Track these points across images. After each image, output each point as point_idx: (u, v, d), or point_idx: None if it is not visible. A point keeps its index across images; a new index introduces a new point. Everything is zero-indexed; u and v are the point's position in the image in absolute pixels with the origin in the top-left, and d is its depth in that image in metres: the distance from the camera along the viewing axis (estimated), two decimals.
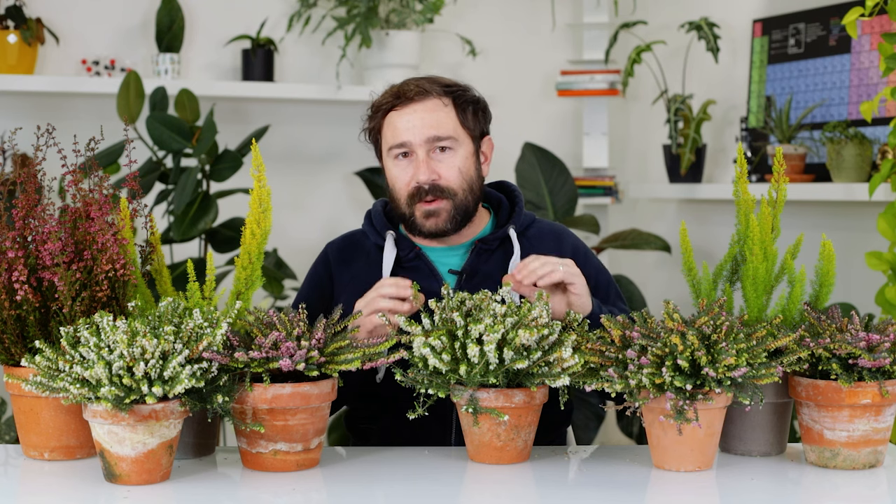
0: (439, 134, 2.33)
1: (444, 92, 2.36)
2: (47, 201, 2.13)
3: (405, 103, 2.34)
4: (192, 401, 1.94)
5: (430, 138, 2.33)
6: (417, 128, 2.33)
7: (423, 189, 2.32)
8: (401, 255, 2.37)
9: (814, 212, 3.60)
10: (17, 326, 2.09)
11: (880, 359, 2.01)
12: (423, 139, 2.33)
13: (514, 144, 4.00)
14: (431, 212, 2.33)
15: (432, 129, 2.33)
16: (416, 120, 2.33)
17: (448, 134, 2.33)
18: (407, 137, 2.33)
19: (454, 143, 2.34)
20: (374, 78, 3.94)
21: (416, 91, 2.34)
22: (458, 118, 2.36)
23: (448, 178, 2.33)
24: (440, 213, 2.34)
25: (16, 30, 3.57)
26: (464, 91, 2.38)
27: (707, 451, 2.04)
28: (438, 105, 2.34)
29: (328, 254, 2.47)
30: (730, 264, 2.22)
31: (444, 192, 2.33)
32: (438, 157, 2.34)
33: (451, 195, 2.33)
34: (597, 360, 2.05)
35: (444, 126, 2.34)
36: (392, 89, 2.38)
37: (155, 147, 3.46)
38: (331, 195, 4.15)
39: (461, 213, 2.35)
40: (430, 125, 2.33)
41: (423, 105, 2.34)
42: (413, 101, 2.34)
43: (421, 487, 2.01)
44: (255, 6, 3.97)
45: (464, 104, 2.37)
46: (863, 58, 3.43)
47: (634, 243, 3.85)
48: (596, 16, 4.22)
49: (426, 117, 2.33)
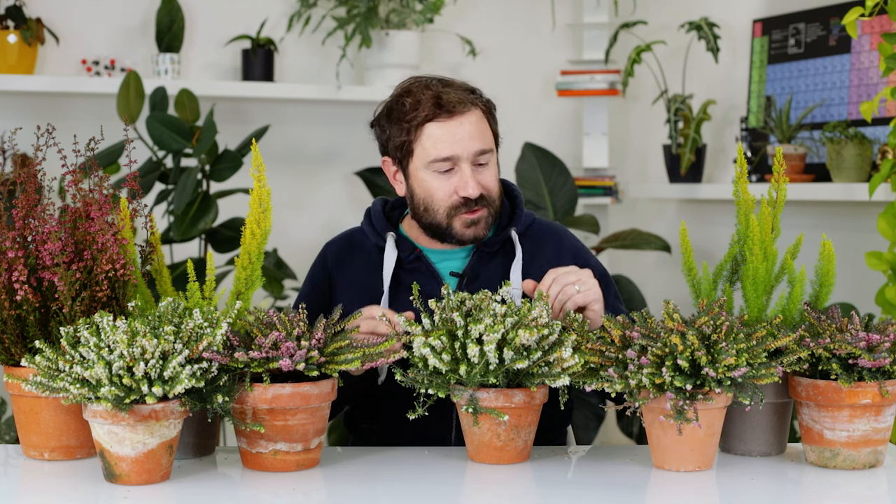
0: (484, 147, 2.31)
1: (476, 100, 2.33)
2: (47, 201, 2.12)
3: (447, 115, 2.28)
4: (192, 401, 1.94)
5: (477, 152, 2.30)
6: (465, 140, 2.28)
7: (471, 201, 2.30)
8: (401, 257, 2.36)
9: (814, 212, 3.60)
10: (17, 326, 2.09)
11: (880, 359, 2.01)
12: (471, 153, 2.29)
13: (514, 144, 4.00)
14: (475, 220, 2.32)
15: (479, 142, 2.30)
16: (464, 133, 2.28)
17: (489, 146, 2.32)
18: (455, 151, 2.28)
19: (492, 156, 2.34)
20: (374, 78, 3.94)
21: (457, 102, 2.29)
22: (491, 127, 2.35)
23: (490, 189, 2.33)
24: (480, 221, 2.33)
25: (16, 30, 3.57)
26: (485, 100, 2.36)
27: (707, 451, 2.04)
28: (479, 116, 2.32)
29: (326, 255, 2.45)
30: (730, 264, 2.22)
31: (487, 201, 2.32)
32: (480, 168, 2.32)
33: (492, 203, 2.33)
34: (597, 360, 2.05)
35: (486, 138, 2.32)
36: (427, 97, 2.30)
37: (155, 147, 3.46)
38: (331, 195, 4.15)
39: (495, 218, 2.36)
40: (476, 138, 2.29)
41: (467, 118, 2.29)
42: (456, 114, 2.28)
43: (421, 487, 2.01)
44: (255, 6, 3.97)
45: (490, 112, 2.36)
46: (863, 58, 3.43)
47: (634, 243, 3.85)
48: (596, 16, 4.22)
49: (473, 130, 2.29)
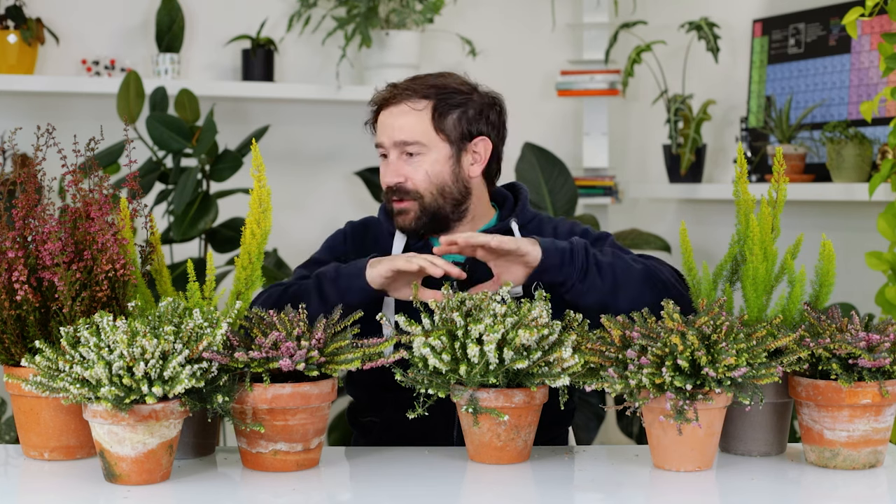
0: (405, 139, 2.35)
1: (422, 95, 2.37)
2: (47, 201, 2.12)
3: (384, 105, 2.39)
4: (192, 401, 1.94)
5: (397, 142, 2.36)
6: (388, 130, 2.37)
7: (391, 189, 2.37)
8: (409, 244, 2.42)
9: (814, 212, 3.60)
10: (17, 326, 2.09)
11: (880, 359, 2.01)
12: (392, 142, 2.37)
13: (514, 144, 3.98)
14: (399, 210, 2.38)
15: (401, 133, 2.36)
16: (389, 122, 2.37)
17: (415, 139, 2.35)
18: (381, 139, 2.39)
19: (422, 149, 2.36)
20: (374, 78, 3.94)
21: (392, 94, 2.38)
22: (434, 123, 2.36)
23: (415, 181, 2.36)
24: (407, 212, 2.37)
25: (16, 30, 3.57)
26: (448, 94, 2.37)
27: (707, 451, 2.04)
28: (409, 110, 2.36)
29: (347, 232, 2.51)
30: (730, 264, 2.22)
31: (409, 193, 2.36)
32: (407, 160, 2.37)
33: (417, 197, 2.36)
34: (597, 360, 2.05)
35: (411, 131, 2.35)
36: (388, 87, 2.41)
37: (155, 147, 3.46)
38: (331, 195, 4.15)
39: (428, 214, 2.37)
40: (400, 129, 2.36)
41: (397, 108, 2.37)
42: (389, 104, 2.38)
43: (421, 487, 2.01)
44: (255, 6, 3.97)
45: (443, 107, 2.36)
46: (863, 58, 3.43)
47: (634, 243, 3.85)
48: (596, 16, 4.22)
49: (396, 122, 2.36)
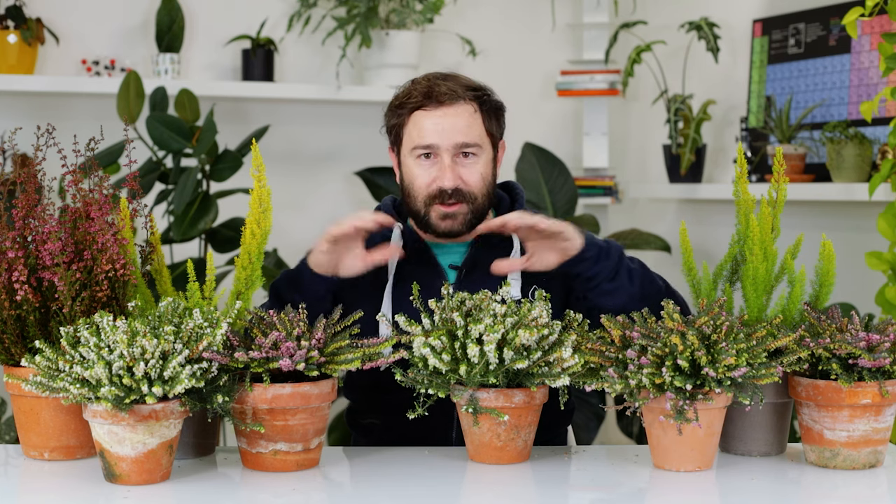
0: (468, 140, 2.32)
1: (473, 97, 2.35)
2: (47, 201, 2.12)
3: (435, 105, 2.33)
4: (192, 401, 1.94)
5: (458, 144, 2.32)
6: (447, 132, 2.31)
7: (445, 192, 2.32)
8: (406, 246, 2.38)
9: (814, 212, 3.60)
10: (17, 326, 2.09)
11: (880, 359, 2.01)
12: (452, 144, 2.32)
13: (514, 144, 3.99)
14: (450, 214, 2.33)
15: (461, 135, 2.32)
16: (446, 124, 2.32)
17: (475, 141, 2.33)
18: (434, 140, 2.32)
19: (479, 150, 2.34)
20: (374, 78, 3.94)
21: (447, 94, 2.33)
22: (485, 124, 2.35)
23: (472, 184, 2.33)
24: (457, 216, 2.33)
25: (16, 30, 3.57)
26: (489, 96, 2.38)
27: (707, 451, 2.04)
28: (468, 111, 2.33)
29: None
30: (730, 264, 2.22)
31: (465, 196, 2.33)
32: (463, 162, 2.33)
33: (472, 199, 2.34)
34: (597, 360, 2.05)
35: (472, 133, 2.33)
36: (420, 87, 2.35)
37: (155, 147, 3.46)
38: (331, 195, 4.14)
39: (477, 216, 2.35)
40: (460, 131, 2.32)
41: (453, 109, 2.32)
42: (444, 105, 2.32)
43: (421, 487, 2.01)
44: (255, 6, 3.97)
45: (489, 110, 2.37)
46: (863, 58, 3.43)
47: (634, 243, 3.85)
48: (596, 16, 4.22)
49: (456, 122, 2.32)
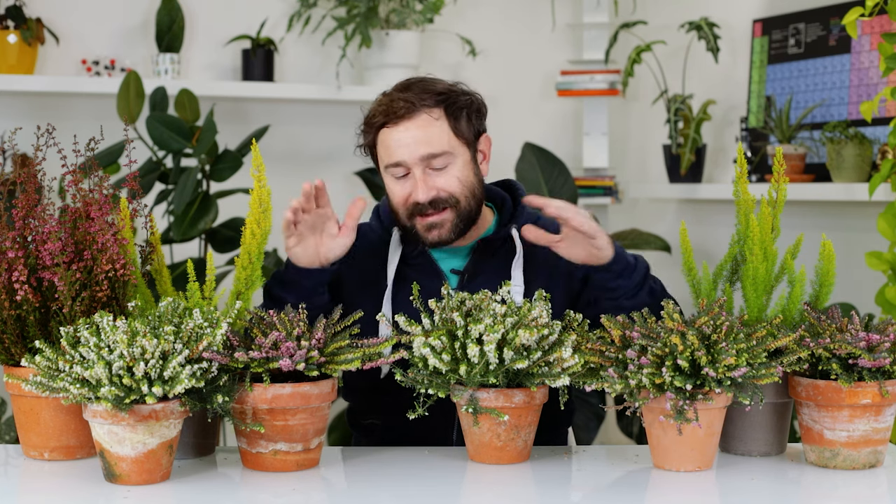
0: (433, 151, 2.26)
1: (434, 103, 2.27)
2: (47, 201, 2.12)
3: (395, 121, 2.26)
4: (192, 401, 1.94)
5: (424, 156, 2.25)
6: (411, 146, 2.25)
7: (422, 206, 2.27)
8: (406, 252, 2.36)
9: (814, 212, 3.60)
10: (17, 326, 2.09)
11: (880, 359, 2.01)
12: (418, 157, 2.25)
13: (514, 144, 4.00)
14: (433, 224, 2.28)
15: (425, 146, 2.25)
16: (408, 138, 2.25)
17: (442, 149, 2.26)
18: (401, 157, 2.26)
19: (449, 157, 2.27)
20: (374, 78, 3.94)
21: (404, 107, 2.26)
22: (451, 128, 2.28)
23: (450, 189, 2.27)
24: (443, 223, 2.29)
25: (16, 30, 3.57)
26: (455, 97, 2.30)
27: (707, 451, 2.04)
28: (429, 120, 2.26)
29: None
30: (730, 264, 2.22)
31: (445, 202, 2.28)
32: (436, 171, 2.27)
33: (454, 204, 2.28)
34: (597, 360, 2.05)
35: (437, 141, 2.26)
36: (382, 104, 2.29)
37: (155, 147, 3.46)
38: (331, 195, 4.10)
39: (464, 219, 2.30)
40: (423, 142, 2.25)
41: (413, 122, 2.25)
42: (403, 119, 2.25)
43: (421, 487, 2.01)
44: (255, 6, 3.97)
45: (455, 112, 2.29)
46: (863, 58, 3.43)
47: (634, 243, 3.85)
48: (596, 16, 4.22)
49: (418, 135, 2.25)
